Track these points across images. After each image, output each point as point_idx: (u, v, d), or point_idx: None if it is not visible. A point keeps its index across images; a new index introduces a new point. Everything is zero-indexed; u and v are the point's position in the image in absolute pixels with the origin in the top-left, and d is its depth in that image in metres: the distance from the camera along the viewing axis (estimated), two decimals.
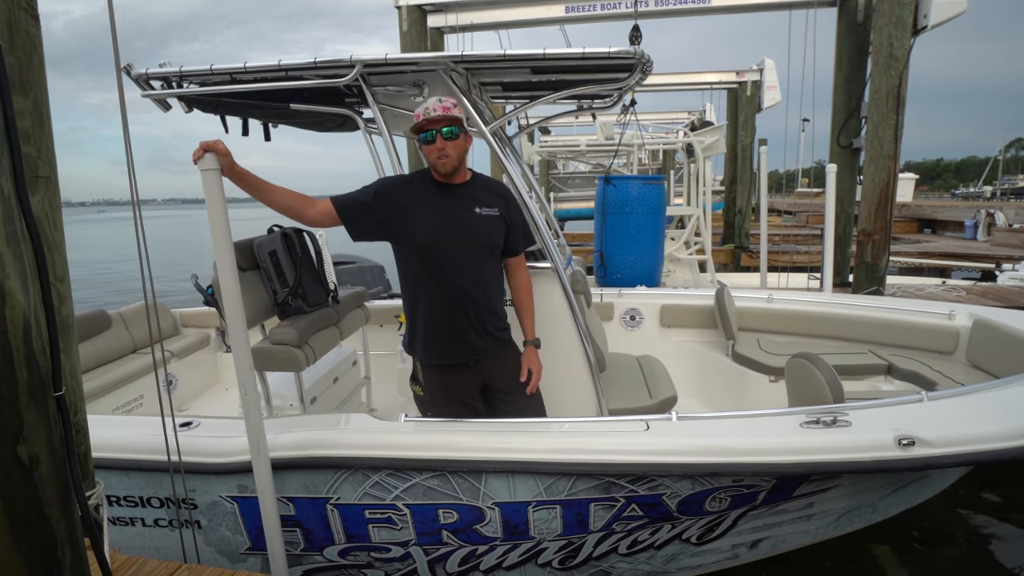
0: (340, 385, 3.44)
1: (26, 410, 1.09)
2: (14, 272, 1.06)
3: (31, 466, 1.10)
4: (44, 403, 1.14)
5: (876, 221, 5.71)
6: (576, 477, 2.01)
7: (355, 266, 6.36)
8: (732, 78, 11.09)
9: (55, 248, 1.31)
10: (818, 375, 2.37)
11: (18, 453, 1.08)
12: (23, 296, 1.08)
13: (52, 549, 1.14)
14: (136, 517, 2.26)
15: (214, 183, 1.79)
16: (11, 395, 1.06)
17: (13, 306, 1.06)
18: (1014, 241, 12.31)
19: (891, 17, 5.40)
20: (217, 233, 1.80)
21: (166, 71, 2.47)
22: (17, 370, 1.07)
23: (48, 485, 1.14)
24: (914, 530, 3.08)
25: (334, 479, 2.11)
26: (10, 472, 1.07)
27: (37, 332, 1.12)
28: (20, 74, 1.18)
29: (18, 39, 1.17)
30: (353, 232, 2.15)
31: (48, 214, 1.30)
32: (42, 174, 1.25)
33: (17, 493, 1.08)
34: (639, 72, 2.44)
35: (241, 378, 1.88)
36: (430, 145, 2.07)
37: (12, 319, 1.05)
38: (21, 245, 1.09)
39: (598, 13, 6.68)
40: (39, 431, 1.12)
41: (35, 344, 1.11)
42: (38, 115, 1.24)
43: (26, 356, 1.08)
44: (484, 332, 2.21)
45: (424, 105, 2.07)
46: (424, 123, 2.05)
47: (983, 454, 1.89)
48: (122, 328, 3.71)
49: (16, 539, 1.07)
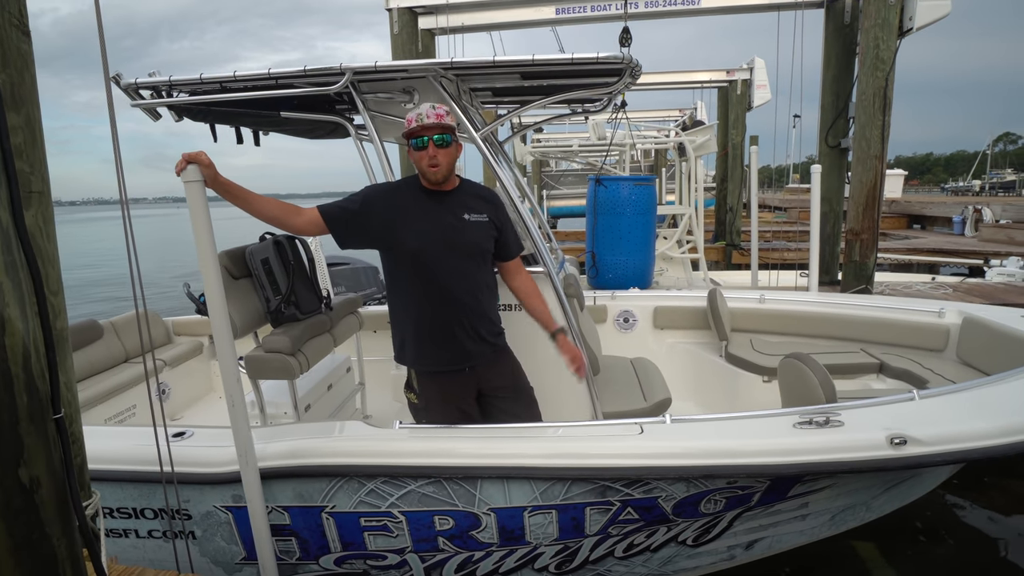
0: (334, 392, 3.44)
1: (27, 434, 1.12)
2: (13, 300, 1.10)
3: (32, 488, 1.13)
4: (44, 426, 1.16)
5: (864, 220, 5.77)
6: (571, 482, 2.01)
7: (349, 267, 6.35)
8: (723, 77, 11.13)
9: (49, 262, 1.32)
10: (810, 375, 2.39)
11: (19, 476, 1.11)
12: (22, 323, 1.11)
13: (53, 567, 1.17)
14: (129, 529, 2.25)
15: (197, 195, 1.79)
16: (12, 420, 1.09)
17: (12, 334, 1.09)
18: (1000, 237, 12.43)
19: (877, 19, 5.45)
20: (201, 244, 1.80)
21: (155, 80, 2.46)
22: (17, 396, 1.10)
23: (49, 506, 1.16)
24: (904, 528, 3.11)
25: (329, 487, 2.11)
26: (12, 495, 1.09)
27: (36, 358, 1.15)
28: (12, 91, 1.18)
29: (10, 56, 1.18)
30: (341, 240, 2.14)
31: (42, 228, 1.31)
32: (35, 189, 1.26)
33: (19, 515, 1.10)
34: (628, 76, 2.46)
35: (228, 389, 1.88)
36: (421, 152, 2.06)
37: (12, 347, 1.09)
38: (20, 274, 1.12)
39: (588, 15, 6.70)
40: (39, 454, 1.15)
41: (34, 370, 1.14)
42: (30, 131, 1.24)
43: (26, 382, 1.12)
44: (478, 338, 2.21)
45: (417, 111, 2.06)
46: (417, 129, 2.04)
47: (975, 451, 1.91)
48: (114, 338, 3.68)
49: (18, 560, 1.10)
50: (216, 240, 1.84)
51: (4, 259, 1.09)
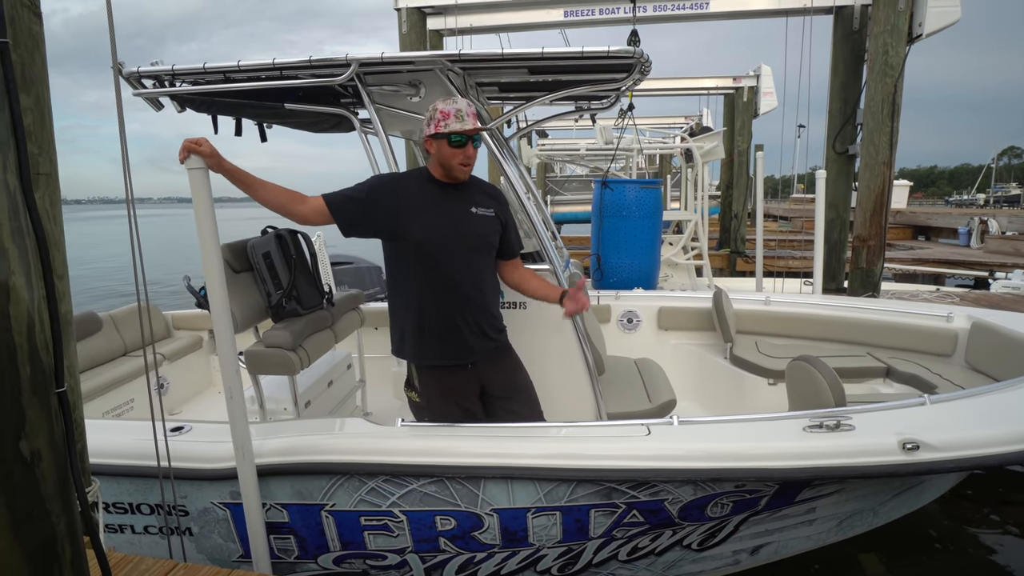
0: (335, 389, 3.40)
1: (29, 406, 1.10)
2: (19, 268, 1.08)
3: (33, 462, 1.11)
4: (46, 399, 1.15)
5: (871, 227, 5.73)
6: (576, 483, 1.97)
7: (352, 266, 6.33)
8: (729, 84, 11.12)
9: (55, 245, 1.32)
10: (820, 378, 2.35)
11: (20, 449, 1.09)
12: (27, 292, 1.09)
13: (52, 545, 1.16)
14: (125, 524, 2.21)
15: (201, 182, 1.77)
16: (14, 391, 1.08)
17: (17, 302, 1.07)
18: (1007, 248, 12.39)
19: (886, 25, 5.43)
20: (204, 232, 1.77)
21: (158, 69, 2.43)
22: (20, 366, 1.08)
23: (49, 481, 1.15)
24: (914, 536, 3.06)
25: (329, 485, 2.07)
26: (12, 468, 1.08)
27: (40, 328, 1.13)
28: (23, 71, 1.18)
29: (21, 36, 1.18)
30: (345, 228, 2.11)
31: (48, 210, 1.30)
32: (43, 171, 1.26)
33: (19, 489, 1.09)
34: (637, 72, 2.43)
35: (227, 381, 1.85)
36: (457, 150, 2.03)
37: (16, 316, 1.07)
38: (26, 241, 1.10)
39: (597, 17, 6.68)
40: (41, 427, 1.13)
41: (38, 340, 1.12)
42: (40, 112, 1.24)
43: (29, 352, 1.10)
44: (480, 333, 2.17)
45: (456, 107, 2.01)
46: (462, 130, 2.01)
47: (988, 458, 1.88)
48: (112, 331, 3.65)
49: (17, 535, 1.09)
50: (221, 237, 1.82)
51: (11, 225, 1.06)
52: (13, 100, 1.09)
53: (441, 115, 2.02)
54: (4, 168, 1.07)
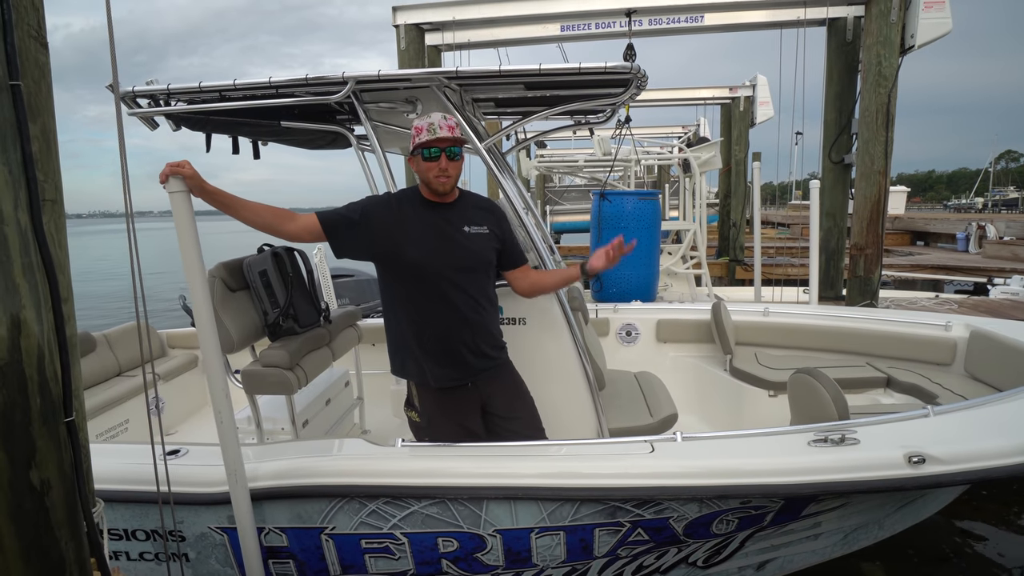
0: (333, 407, 3.37)
1: (39, 436, 1.14)
2: (29, 303, 1.12)
3: (43, 490, 1.15)
4: (56, 429, 1.18)
5: (868, 235, 5.75)
6: (580, 502, 1.94)
7: (353, 279, 6.31)
8: (725, 94, 11.20)
9: (60, 269, 1.33)
10: (822, 391, 2.33)
11: (30, 478, 1.12)
12: (37, 326, 1.14)
13: (61, 571, 1.18)
14: (120, 551, 2.17)
15: (183, 205, 1.75)
16: (24, 421, 1.11)
17: (28, 336, 1.12)
18: (1005, 253, 12.41)
19: (879, 36, 5.48)
20: (187, 255, 1.76)
21: (153, 89, 2.43)
22: (31, 397, 1.12)
23: (59, 509, 1.18)
24: (912, 546, 3.02)
25: (328, 508, 2.03)
26: (23, 497, 1.11)
27: (50, 359, 1.17)
28: (29, 101, 1.19)
29: (28, 67, 1.19)
30: (338, 250, 2.09)
31: (54, 235, 1.31)
32: (48, 197, 1.27)
33: (29, 517, 1.12)
34: (634, 87, 2.43)
35: (216, 405, 1.83)
36: (431, 163, 2.02)
37: (27, 348, 1.11)
38: (36, 276, 1.15)
39: (593, 32, 6.73)
40: (50, 456, 1.16)
41: (48, 371, 1.16)
42: (46, 140, 1.25)
43: (39, 384, 1.14)
44: (480, 353, 2.15)
45: (427, 120, 2.02)
46: (431, 140, 2.00)
47: (995, 470, 1.85)
48: (107, 350, 3.61)
49: (27, 562, 1.11)
50: (217, 253, 1.81)
51: (22, 261, 1.11)
52: (25, 141, 1.13)
53: (415, 131, 2.03)
54: (16, 206, 1.11)
